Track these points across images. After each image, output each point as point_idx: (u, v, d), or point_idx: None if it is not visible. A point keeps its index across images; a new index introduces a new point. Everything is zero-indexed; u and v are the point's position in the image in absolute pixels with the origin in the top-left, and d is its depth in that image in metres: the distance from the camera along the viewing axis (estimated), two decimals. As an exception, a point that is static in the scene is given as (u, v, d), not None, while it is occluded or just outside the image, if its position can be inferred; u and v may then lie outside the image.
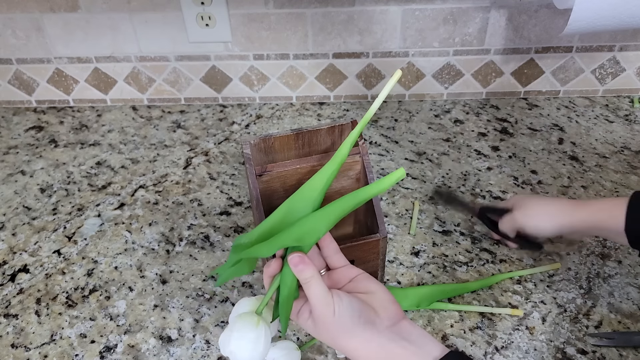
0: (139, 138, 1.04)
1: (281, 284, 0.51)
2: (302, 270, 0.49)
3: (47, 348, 0.68)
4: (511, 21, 1.01)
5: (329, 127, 0.74)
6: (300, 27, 1.01)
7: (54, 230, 0.85)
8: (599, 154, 0.96)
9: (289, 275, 0.50)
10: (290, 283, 0.50)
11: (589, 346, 0.66)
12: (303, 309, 0.51)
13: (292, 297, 0.51)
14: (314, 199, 0.54)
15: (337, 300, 0.48)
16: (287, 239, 0.51)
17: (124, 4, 1.00)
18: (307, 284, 0.49)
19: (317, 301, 0.48)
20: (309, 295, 0.49)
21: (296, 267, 0.49)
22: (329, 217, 0.52)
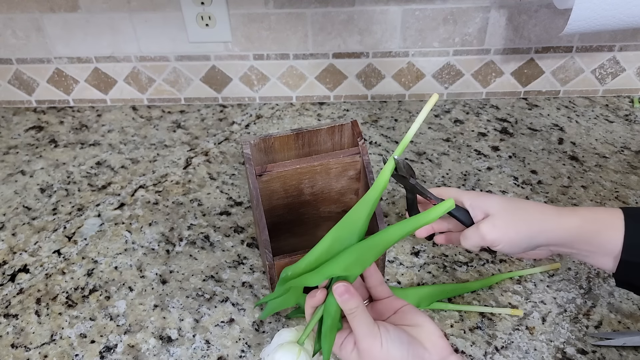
0: (139, 138, 1.04)
1: (325, 315, 0.50)
2: (347, 300, 0.48)
3: (47, 348, 0.68)
4: (511, 21, 1.01)
5: (329, 127, 0.74)
6: (300, 27, 1.01)
7: (54, 230, 0.85)
8: (599, 154, 0.96)
9: (333, 306, 0.49)
10: (334, 314, 0.49)
11: (589, 346, 0.66)
12: (347, 341, 0.49)
13: (335, 328, 0.50)
14: (359, 228, 0.53)
15: (384, 332, 0.47)
16: (335, 268, 0.50)
17: (124, 4, 1.00)
18: (352, 314, 0.48)
19: (363, 333, 0.47)
20: (354, 326, 0.47)
21: (341, 296, 0.48)
22: (376, 248, 0.51)
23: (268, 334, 0.69)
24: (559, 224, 0.53)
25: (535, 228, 0.53)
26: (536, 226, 0.53)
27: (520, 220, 0.53)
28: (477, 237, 0.54)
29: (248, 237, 0.83)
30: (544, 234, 0.53)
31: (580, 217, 0.53)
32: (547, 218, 0.53)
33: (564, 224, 0.53)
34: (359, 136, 0.72)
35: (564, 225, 0.53)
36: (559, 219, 0.53)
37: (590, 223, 0.52)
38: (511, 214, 0.53)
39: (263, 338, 0.69)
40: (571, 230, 0.52)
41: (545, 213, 0.54)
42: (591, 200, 0.86)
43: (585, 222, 0.52)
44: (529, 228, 0.53)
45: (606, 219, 0.52)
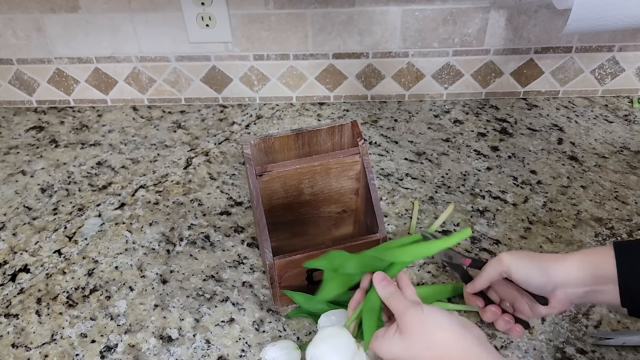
0: (140, 138, 1.05)
1: (366, 309, 0.56)
2: (385, 286, 0.54)
3: (47, 348, 0.69)
4: (511, 21, 1.01)
5: (329, 127, 0.75)
6: (300, 27, 1.02)
7: (55, 230, 0.85)
8: (599, 154, 0.96)
9: (374, 298, 0.56)
10: (374, 304, 0.56)
11: (588, 346, 0.66)
12: (389, 329, 0.53)
13: (376, 318, 0.55)
14: None
15: (424, 305, 0.52)
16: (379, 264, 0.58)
17: (124, 4, 1.00)
18: (392, 297, 0.53)
19: (403, 306, 0.51)
20: (395, 305, 0.52)
21: (380, 283, 0.55)
22: (413, 253, 0.58)
23: (268, 333, 0.69)
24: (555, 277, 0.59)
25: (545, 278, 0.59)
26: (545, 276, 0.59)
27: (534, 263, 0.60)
28: (494, 263, 0.63)
29: (248, 237, 0.83)
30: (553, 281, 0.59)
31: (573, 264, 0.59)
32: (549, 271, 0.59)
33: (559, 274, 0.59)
34: (359, 136, 0.72)
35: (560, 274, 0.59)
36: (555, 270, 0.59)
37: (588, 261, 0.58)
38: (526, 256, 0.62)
39: (263, 338, 0.69)
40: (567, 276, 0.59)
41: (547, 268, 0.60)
42: (590, 201, 0.86)
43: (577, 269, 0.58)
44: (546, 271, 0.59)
45: (599, 256, 0.57)
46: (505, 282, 0.65)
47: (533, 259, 0.60)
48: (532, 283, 0.60)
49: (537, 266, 0.60)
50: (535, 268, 0.60)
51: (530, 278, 0.59)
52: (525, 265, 0.60)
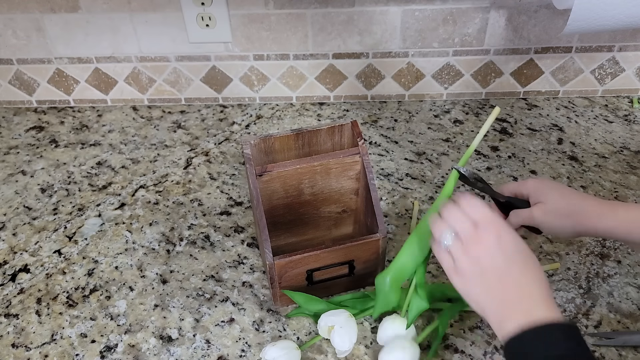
0: (140, 138, 1.05)
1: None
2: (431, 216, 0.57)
3: (47, 348, 0.69)
4: (511, 21, 1.01)
5: (329, 127, 0.75)
6: (300, 27, 1.02)
7: (55, 230, 0.85)
8: (598, 154, 0.96)
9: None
10: None
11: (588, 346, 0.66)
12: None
13: None
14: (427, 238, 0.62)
15: None
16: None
17: (124, 5, 1.00)
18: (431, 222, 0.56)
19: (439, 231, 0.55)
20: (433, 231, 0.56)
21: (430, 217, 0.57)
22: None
23: (268, 333, 0.69)
24: (596, 226, 0.58)
25: (578, 222, 0.59)
26: (579, 220, 0.59)
27: (566, 212, 0.59)
28: (527, 215, 0.61)
29: (248, 237, 0.83)
30: (586, 228, 0.59)
31: (617, 219, 0.57)
32: (590, 217, 0.58)
33: (602, 226, 0.58)
34: (359, 136, 0.72)
35: (604, 227, 0.58)
36: (598, 221, 0.58)
37: (626, 223, 0.57)
38: (560, 205, 0.59)
39: (263, 338, 0.69)
40: (610, 231, 0.58)
41: (589, 212, 0.59)
42: (590, 200, 0.86)
43: (621, 223, 0.57)
44: (572, 221, 0.59)
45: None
46: None
47: (565, 226, 0.59)
48: (551, 229, 0.61)
49: (571, 232, 0.59)
50: (568, 233, 0.60)
51: (558, 236, 0.61)
52: (554, 232, 0.60)
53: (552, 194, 0.60)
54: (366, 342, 0.68)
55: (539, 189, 0.61)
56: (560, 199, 0.59)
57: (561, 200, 0.59)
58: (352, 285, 0.74)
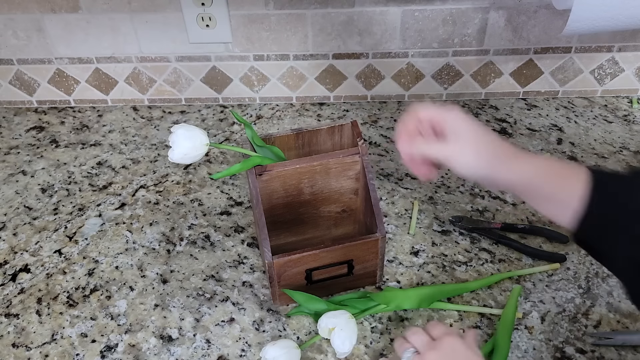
0: (140, 138, 1.05)
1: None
2: None
3: (48, 347, 0.69)
4: (510, 22, 1.01)
5: (329, 127, 0.75)
6: (300, 28, 1.02)
7: (55, 230, 0.85)
8: (598, 154, 0.96)
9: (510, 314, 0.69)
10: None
11: (587, 346, 0.66)
12: None
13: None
14: None
15: None
16: None
17: (124, 5, 1.00)
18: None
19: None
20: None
21: None
22: None
23: (268, 333, 0.69)
24: (509, 170, 0.53)
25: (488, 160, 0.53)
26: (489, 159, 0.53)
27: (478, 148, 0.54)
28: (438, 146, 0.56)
29: (248, 236, 0.83)
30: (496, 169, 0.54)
31: (535, 166, 0.53)
32: (502, 161, 0.53)
33: (516, 171, 0.53)
34: (359, 136, 0.72)
35: (516, 172, 0.53)
36: (511, 165, 0.53)
37: (544, 174, 0.52)
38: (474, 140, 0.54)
39: (263, 337, 0.69)
40: (523, 175, 0.53)
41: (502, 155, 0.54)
42: (590, 200, 0.87)
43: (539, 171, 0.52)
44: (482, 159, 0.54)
45: (563, 171, 0.51)
46: None
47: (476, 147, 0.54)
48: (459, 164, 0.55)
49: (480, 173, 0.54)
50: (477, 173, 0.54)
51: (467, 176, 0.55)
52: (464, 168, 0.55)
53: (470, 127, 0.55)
54: (366, 342, 0.68)
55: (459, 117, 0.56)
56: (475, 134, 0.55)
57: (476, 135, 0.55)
58: (351, 284, 0.74)
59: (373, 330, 0.69)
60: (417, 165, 0.59)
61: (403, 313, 0.71)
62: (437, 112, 0.57)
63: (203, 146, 0.65)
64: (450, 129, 0.55)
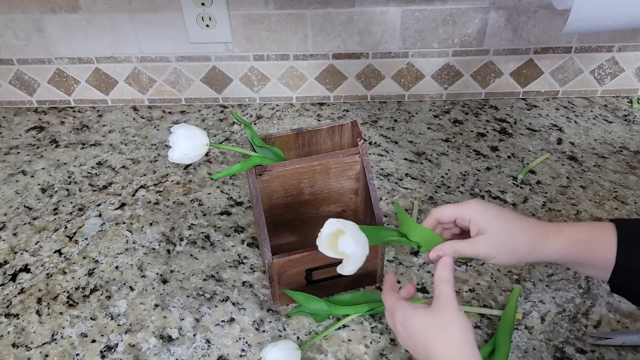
0: (140, 138, 1.05)
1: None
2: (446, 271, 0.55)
3: (48, 347, 0.69)
4: (510, 22, 1.01)
5: (329, 127, 0.75)
6: (300, 28, 1.02)
7: (55, 230, 0.85)
8: (598, 154, 0.96)
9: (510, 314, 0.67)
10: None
11: (587, 346, 0.66)
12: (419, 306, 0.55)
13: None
14: None
15: None
16: None
17: (124, 5, 1.00)
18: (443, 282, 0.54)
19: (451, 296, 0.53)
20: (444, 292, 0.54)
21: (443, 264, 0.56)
22: None
23: (268, 333, 0.69)
24: (543, 253, 0.55)
25: (526, 251, 0.55)
26: (526, 250, 0.55)
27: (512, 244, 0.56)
28: (472, 251, 0.57)
29: (248, 236, 0.83)
30: (534, 256, 0.56)
31: (565, 241, 0.55)
32: (535, 247, 0.55)
33: (548, 252, 0.55)
34: (359, 136, 0.72)
35: (549, 253, 0.55)
36: (544, 248, 0.55)
37: (574, 245, 0.55)
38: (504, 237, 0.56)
39: (263, 337, 0.69)
40: (557, 253, 0.55)
41: (532, 241, 0.56)
42: (590, 201, 0.87)
43: (569, 245, 0.55)
44: (519, 252, 0.56)
45: (591, 237, 0.54)
46: None
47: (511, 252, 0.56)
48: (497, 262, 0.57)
49: (518, 258, 0.56)
50: (515, 259, 0.56)
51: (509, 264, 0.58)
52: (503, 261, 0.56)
53: (494, 222, 0.56)
54: (366, 342, 0.68)
55: (480, 212, 0.57)
56: (502, 228, 0.56)
57: (502, 230, 0.56)
58: (351, 284, 0.74)
59: (373, 330, 0.69)
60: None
61: (403, 313, 0.71)
62: (456, 211, 0.58)
63: (203, 146, 0.65)
64: (474, 227, 0.57)
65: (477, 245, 0.56)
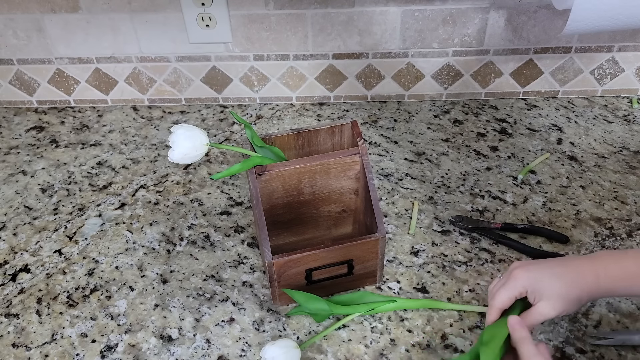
0: (140, 138, 1.05)
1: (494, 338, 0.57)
2: (520, 330, 0.55)
3: (48, 347, 0.69)
4: (510, 22, 1.01)
5: (329, 127, 0.75)
6: (300, 28, 1.02)
7: (55, 230, 0.85)
8: (598, 154, 0.96)
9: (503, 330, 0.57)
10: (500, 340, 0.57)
11: (587, 345, 0.66)
12: None
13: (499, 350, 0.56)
14: None
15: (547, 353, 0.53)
16: None
17: (124, 5, 1.00)
18: (522, 340, 0.54)
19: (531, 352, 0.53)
20: (524, 349, 0.53)
21: (515, 326, 0.56)
22: None
23: (268, 333, 0.69)
24: (601, 293, 0.58)
25: (586, 298, 0.58)
26: (585, 296, 0.58)
27: (571, 297, 0.58)
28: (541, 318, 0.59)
29: (248, 236, 0.83)
30: (594, 297, 0.59)
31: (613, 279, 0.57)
32: (592, 290, 0.58)
33: (604, 291, 0.58)
34: (359, 136, 0.72)
35: (605, 292, 0.58)
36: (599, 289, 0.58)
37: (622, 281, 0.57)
38: (562, 293, 0.58)
39: (263, 337, 0.69)
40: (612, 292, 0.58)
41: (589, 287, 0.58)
42: (590, 201, 0.87)
43: (618, 281, 0.57)
44: (581, 300, 0.58)
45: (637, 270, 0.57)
46: None
47: (574, 303, 0.58)
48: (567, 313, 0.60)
49: (580, 304, 0.59)
50: (577, 307, 0.59)
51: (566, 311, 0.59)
52: (568, 312, 0.59)
53: (548, 285, 0.59)
54: (366, 342, 0.68)
55: (532, 280, 0.59)
56: (559, 287, 0.58)
57: (559, 288, 0.58)
58: (351, 285, 0.74)
59: (373, 330, 0.69)
60: None
61: (403, 313, 0.71)
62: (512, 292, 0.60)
63: (203, 146, 0.65)
64: (532, 295, 0.59)
65: (543, 312, 0.59)
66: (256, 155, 0.69)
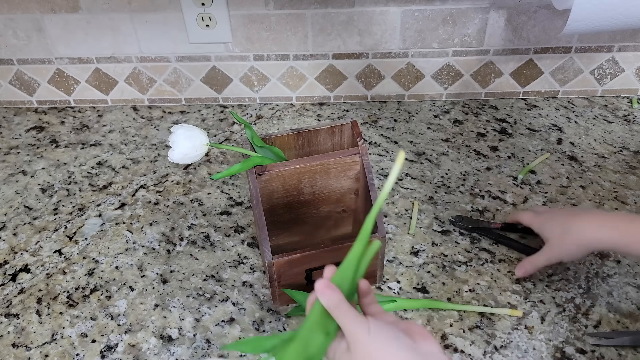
0: (140, 138, 1.05)
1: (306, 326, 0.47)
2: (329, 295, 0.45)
3: (48, 347, 0.69)
4: (510, 22, 1.01)
5: (329, 127, 0.75)
6: (300, 28, 1.02)
7: (55, 230, 0.85)
8: (598, 154, 0.96)
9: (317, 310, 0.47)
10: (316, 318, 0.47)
11: (587, 346, 0.66)
12: (338, 344, 0.47)
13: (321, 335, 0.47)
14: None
15: (372, 320, 0.45)
16: None
17: (124, 5, 1.00)
18: (337, 309, 0.45)
19: (349, 323, 0.44)
20: (341, 319, 0.45)
21: (323, 293, 0.45)
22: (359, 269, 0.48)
23: (268, 333, 0.69)
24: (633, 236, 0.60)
25: (594, 243, 0.61)
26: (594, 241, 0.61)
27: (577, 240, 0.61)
28: (544, 258, 0.63)
29: (248, 236, 0.83)
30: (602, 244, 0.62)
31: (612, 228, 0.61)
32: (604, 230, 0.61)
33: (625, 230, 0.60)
34: (359, 136, 0.72)
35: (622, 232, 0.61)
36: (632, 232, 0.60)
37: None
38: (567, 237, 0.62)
39: (263, 337, 0.69)
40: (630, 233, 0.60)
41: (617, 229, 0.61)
42: (590, 201, 0.87)
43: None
44: (587, 245, 0.61)
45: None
46: None
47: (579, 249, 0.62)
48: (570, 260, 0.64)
49: (584, 250, 0.61)
50: (582, 252, 0.62)
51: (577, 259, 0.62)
52: (572, 257, 0.63)
53: (551, 226, 0.62)
54: (366, 342, 0.68)
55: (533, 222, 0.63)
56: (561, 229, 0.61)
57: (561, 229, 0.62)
58: (352, 285, 0.74)
59: (373, 330, 0.69)
60: None
61: (403, 313, 0.71)
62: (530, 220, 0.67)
63: (203, 146, 0.65)
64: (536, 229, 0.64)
65: (549, 252, 0.63)
66: (256, 155, 0.69)
